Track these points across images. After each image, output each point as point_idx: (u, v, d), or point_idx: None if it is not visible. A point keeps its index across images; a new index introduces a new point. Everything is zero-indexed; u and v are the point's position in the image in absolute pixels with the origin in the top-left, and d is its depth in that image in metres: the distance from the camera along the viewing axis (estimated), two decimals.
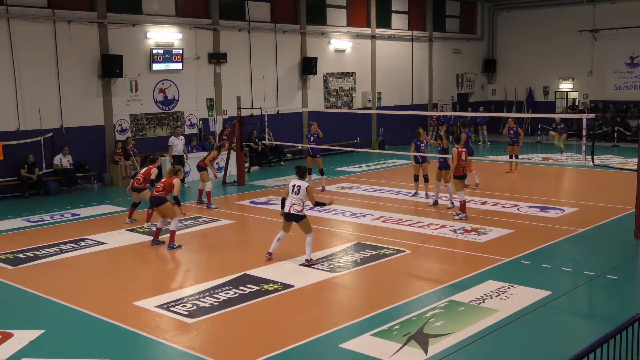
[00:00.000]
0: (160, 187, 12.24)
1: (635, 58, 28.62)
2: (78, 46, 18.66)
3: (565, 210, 14.64)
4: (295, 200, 10.54)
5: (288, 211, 10.59)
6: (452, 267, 10.65)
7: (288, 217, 10.66)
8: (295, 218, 10.59)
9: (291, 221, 10.70)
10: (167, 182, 12.24)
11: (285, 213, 10.66)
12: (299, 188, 10.55)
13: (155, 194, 12.22)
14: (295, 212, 10.54)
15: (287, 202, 10.62)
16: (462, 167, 13.76)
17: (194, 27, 21.26)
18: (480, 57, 32.91)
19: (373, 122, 27.62)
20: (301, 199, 10.53)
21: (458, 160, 13.55)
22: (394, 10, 28.40)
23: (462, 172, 13.87)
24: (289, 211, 10.58)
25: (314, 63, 24.47)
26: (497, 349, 7.50)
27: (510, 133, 19.83)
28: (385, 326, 8.04)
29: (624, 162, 21.43)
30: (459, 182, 13.78)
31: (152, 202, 12.45)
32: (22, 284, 10.08)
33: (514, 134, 19.72)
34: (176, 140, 19.05)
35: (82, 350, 7.63)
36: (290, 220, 10.69)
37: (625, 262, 10.75)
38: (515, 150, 19.79)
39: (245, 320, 8.48)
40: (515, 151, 19.80)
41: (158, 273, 10.86)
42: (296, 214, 10.55)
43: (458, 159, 13.55)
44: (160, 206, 12.18)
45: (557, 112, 30.29)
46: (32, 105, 17.95)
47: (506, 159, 20.60)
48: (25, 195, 17.51)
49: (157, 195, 12.19)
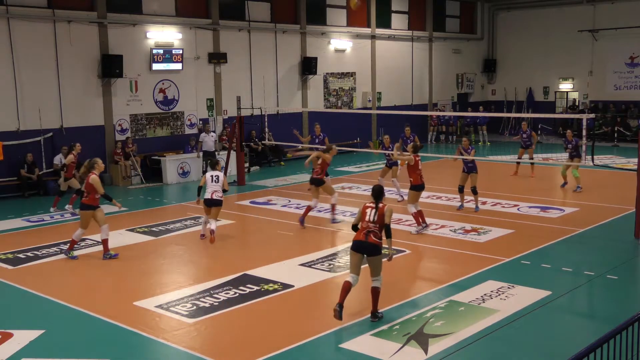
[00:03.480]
0: (85, 193, 11.32)
1: (635, 58, 28.62)
2: (78, 46, 18.67)
3: (565, 210, 14.64)
4: (217, 188, 12.40)
5: (210, 197, 12.28)
6: (452, 267, 10.64)
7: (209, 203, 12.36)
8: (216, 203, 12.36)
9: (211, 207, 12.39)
10: (87, 185, 11.26)
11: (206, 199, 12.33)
12: (217, 177, 12.41)
13: (84, 202, 11.32)
14: (217, 198, 12.35)
15: (209, 190, 12.31)
16: (419, 175, 12.74)
17: (194, 27, 21.26)
18: (480, 57, 32.92)
19: (373, 122, 27.63)
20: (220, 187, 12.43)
21: (416, 169, 12.62)
22: (394, 10, 28.41)
23: (421, 182, 12.80)
24: (211, 197, 12.29)
25: (314, 63, 24.48)
26: (497, 349, 7.50)
27: (523, 137, 19.44)
28: (385, 326, 8.04)
29: (624, 162, 21.43)
30: (415, 194, 12.77)
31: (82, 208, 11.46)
32: (22, 284, 10.08)
33: (527, 138, 19.36)
34: (207, 137, 19.83)
35: (82, 350, 7.63)
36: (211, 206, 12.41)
37: (625, 262, 10.75)
38: (530, 153, 19.33)
39: (245, 320, 8.48)
40: (530, 154, 19.33)
41: (158, 273, 10.85)
42: (218, 199, 12.36)
43: (416, 168, 12.63)
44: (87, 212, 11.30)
45: (557, 112, 30.30)
46: (32, 105, 17.96)
47: (506, 158, 20.59)
48: (25, 195, 17.52)
49: (85, 203, 11.31)
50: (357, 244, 8.27)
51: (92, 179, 11.23)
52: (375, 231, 8.26)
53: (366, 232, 8.25)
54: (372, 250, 8.22)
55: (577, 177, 16.73)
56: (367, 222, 8.32)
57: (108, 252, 11.45)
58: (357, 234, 8.37)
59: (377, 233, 8.27)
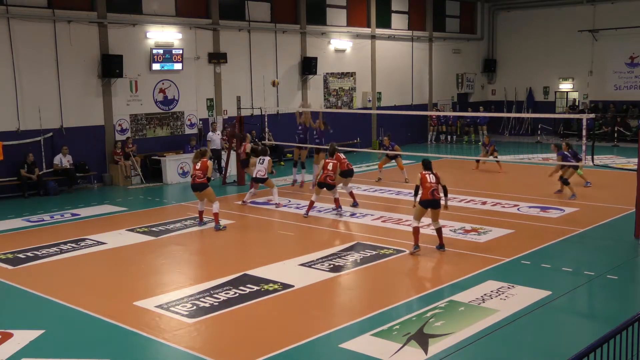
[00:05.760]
0: (200, 174, 13.36)
1: (635, 58, 28.62)
2: (78, 46, 18.66)
3: (565, 210, 14.64)
4: (260, 168, 15.43)
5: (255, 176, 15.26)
6: (452, 267, 10.64)
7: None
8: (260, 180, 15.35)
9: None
10: (203, 166, 13.44)
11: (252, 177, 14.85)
12: (262, 160, 15.43)
13: (198, 181, 13.37)
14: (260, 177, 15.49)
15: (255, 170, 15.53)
16: (325, 175, 14.29)
17: (194, 27, 21.26)
18: (480, 57, 32.92)
19: (373, 122, 27.63)
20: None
21: (324, 170, 14.36)
22: (394, 10, 28.40)
23: (325, 180, 14.31)
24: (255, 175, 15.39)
25: (314, 63, 24.47)
26: (497, 349, 7.50)
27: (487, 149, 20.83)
28: (385, 326, 8.04)
29: (624, 162, 21.43)
30: (317, 189, 14.58)
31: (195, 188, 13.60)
32: (22, 284, 10.08)
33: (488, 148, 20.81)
34: (214, 135, 20.14)
35: (82, 350, 7.63)
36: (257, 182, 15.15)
37: (625, 262, 10.75)
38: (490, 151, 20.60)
39: (245, 320, 8.47)
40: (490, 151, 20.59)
41: (158, 273, 10.86)
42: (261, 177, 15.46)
43: (324, 169, 14.39)
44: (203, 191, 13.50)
45: (557, 112, 30.31)
46: (32, 105, 17.96)
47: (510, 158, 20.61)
48: (25, 195, 17.51)
49: (199, 183, 13.39)
50: (427, 202, 11.09)
51: (209, 162, 13.66)
52: (437, 189, 11.10)
53: (431, 190, 11.00)
54: (436, 204, 11.14)
55: (581, 175, 17.20)
56: (430, 183, 11.06)
57: (218, 225, 13.37)
58: (423, 193, 11.04)
59: (438, 191, 11.11)
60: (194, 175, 13.57)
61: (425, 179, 11.16)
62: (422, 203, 11.12)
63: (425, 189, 11.06)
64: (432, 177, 11.18)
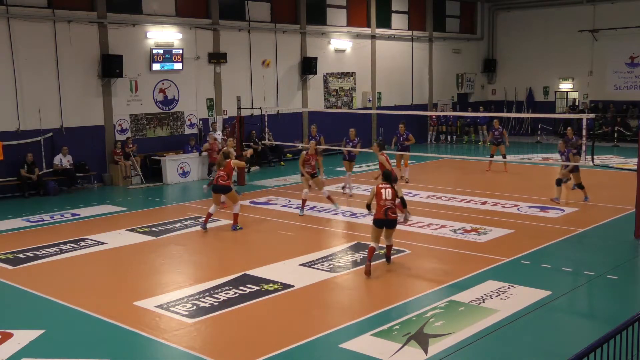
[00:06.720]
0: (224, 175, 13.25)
1: (635, 58, 28.62)
2: (78, 46, 18.66)
3: (565, 210, 14.64)
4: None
5: None
6: (452, 267, 10.64)
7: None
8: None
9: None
10: (228, 168, 13.32)
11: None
12: None
13: (221, 183, 13.25)
14: None
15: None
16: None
17: (194, 27, 21.26)
18: (480, 57, 32.92)
19: (373, 122, 27.62)
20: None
21: None
22: (394, 10, 28.40)
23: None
24: None
25: (314, 63, 24.47)
26: (497, 349, 7.50)
27: (495, 134, 20.26)
28: (385, 326, 8.04)
29: (624, 162, 21.43)
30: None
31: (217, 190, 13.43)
32: (22, 284, 10.08)
33: (499, 135, 20.23)
34: (215, 135, 20.23)
35: (82, 350, 7.63)
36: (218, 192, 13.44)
37: (625, 262, 10.75)
38: (501, 150, 20.18)
39: (245, 320, 8.47)
40: (501, 150, 20.18)
41: (158, 273, 10.86)
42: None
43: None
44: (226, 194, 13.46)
45: (557, 112, 30.30)
46: (32, 105, 17.95)
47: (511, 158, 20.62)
48: (25, 195, 17.51)
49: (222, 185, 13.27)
50: (380, 221, 10.22)
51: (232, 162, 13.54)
52: (392, 207, 10.18)
53: (385, 209, 10.13)
54: (390, 224, 10.28)
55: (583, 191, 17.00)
56: (384, 200, 10.14)
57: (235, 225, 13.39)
58: (377, 211, 10.21)
59: (394, 208, 10.21)
60: (218, 177, 13.31)
61: (380, 194, 10.20)
62: (375, 222, 10.29)
63: (379, 206, 10.15)
64: (388, 192, 10.18)
